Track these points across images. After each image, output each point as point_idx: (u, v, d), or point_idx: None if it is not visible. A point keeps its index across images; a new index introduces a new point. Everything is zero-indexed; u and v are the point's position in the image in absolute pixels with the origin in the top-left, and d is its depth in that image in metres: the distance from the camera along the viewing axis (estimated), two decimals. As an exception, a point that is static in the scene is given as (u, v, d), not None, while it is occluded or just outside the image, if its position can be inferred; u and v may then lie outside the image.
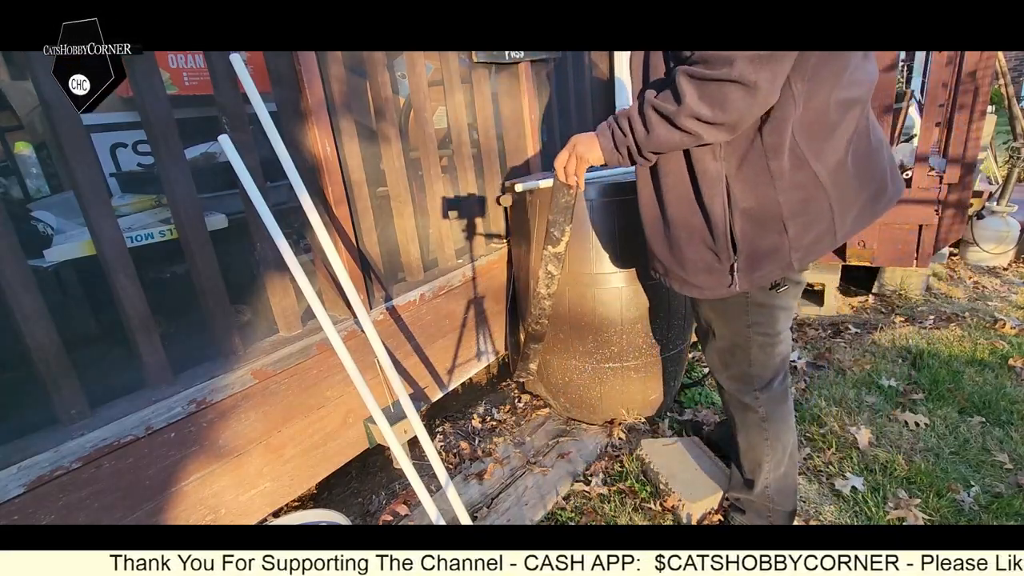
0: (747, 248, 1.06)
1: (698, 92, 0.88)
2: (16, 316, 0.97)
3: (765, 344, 1.24)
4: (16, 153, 1.98)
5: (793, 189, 1.01)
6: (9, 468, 0.96)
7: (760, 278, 1.08)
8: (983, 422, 1.85)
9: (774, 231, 1.04)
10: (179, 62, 2.03)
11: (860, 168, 1.05)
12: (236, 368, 1.27)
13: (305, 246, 1.68)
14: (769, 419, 1.31)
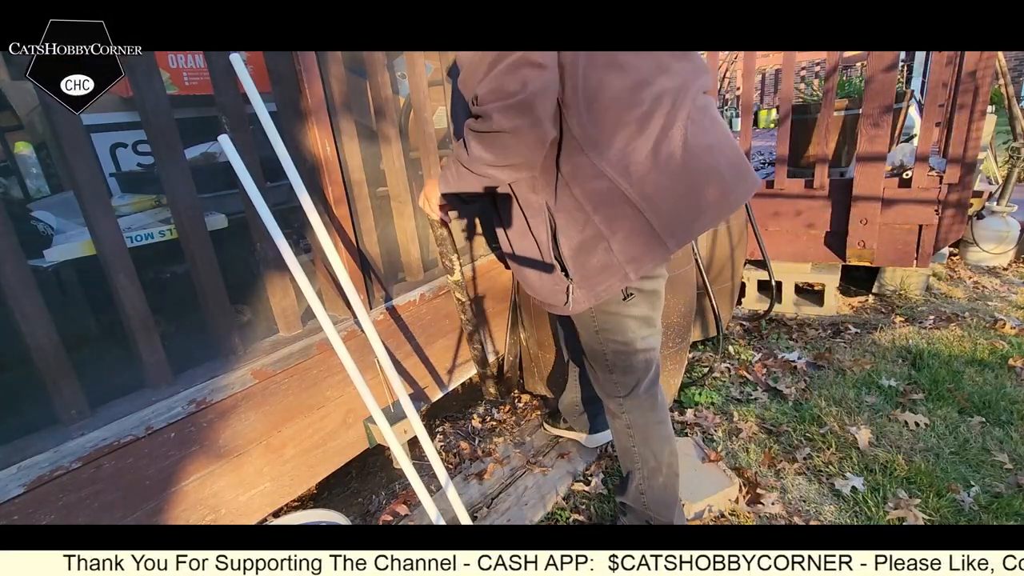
0: (578, 270, 1.10)
1: (478, 142, 0.97)
2: (16, 316, 0.97)
3: (620, 351, 1.25)
4: (16, 153, 1.98)
5: (604, 207, 1.04)
6: (9, 468, 0.96)
7: (604, 292, 1.12)
8: (983, 422, 1.85)
9: (600, 249, 1.08)
10: (179, 62, 2.03)
11: (679, 172, 1.05)
12: (236, 368, 1.27)
13: (305, 246, 1.68)
14: (635, 427, 1.30)
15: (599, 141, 1.01)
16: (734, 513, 1.56)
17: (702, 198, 1.07)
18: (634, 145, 1.02)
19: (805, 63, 7.06)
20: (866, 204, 2.57)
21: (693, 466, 1.66)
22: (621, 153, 1.02)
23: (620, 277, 1.10)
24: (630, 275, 1.09)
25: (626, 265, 1.08)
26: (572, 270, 1.11)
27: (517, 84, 0.90)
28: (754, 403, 2.10)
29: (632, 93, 1.01)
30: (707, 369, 2.29)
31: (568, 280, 1.13)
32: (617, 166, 1.02)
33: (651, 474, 1.32)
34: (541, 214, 1.10)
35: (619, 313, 1.20)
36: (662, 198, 1.05)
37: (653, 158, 1.03)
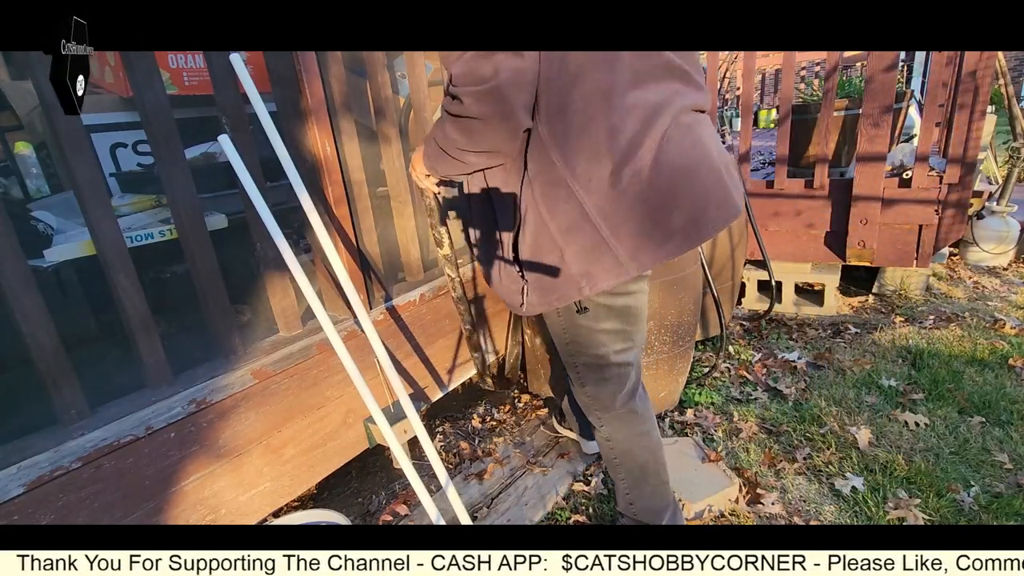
0: (531, 272, 1.06)
1: (451, 124, 0.94)
2: (16, 316, 0.97)
3: (591, 364, 1.20)
4: (16, 153, 1.98)
5: (562, 214, 0.99)
6: (9, 468, 0.96)
7: (556, 300, 1.06)
8: (983, 422, 1.85)
9: (552, 256, 1.03)
10: (179, 62, 2.03)
11: (643, 193, 0.97)
12: (236, 368, 1.27)
13: (305, 246, 1.68)
14: (614, 440, 1.28)
15: (566, 145, 0.95)
16: (734, 513, 1.56)
17: (668, 223, 1.00)
18: (599, 157, 0.96)
19: (805, 63, 7.05)
20: (866, 204, 2.57)
21: (693, 466, 1.66)
22: (586, 163, 0.96)
23: (574, 289, 1.04)
24: (584, 288, 1.03)
25: (579, 278, 1.02)
26: (527, 271, 1.07)
27: (489, 69, 0.85)
28: (754, 403, 2.10)
29: (605, 99, 0.94)
30: (707, 369, 2.29)
31: (522, 281, 1.08)
32: (580, 176, 0.96)
33: (636, 484, 1.31)
34: (509, 209, 1.05)
35: (589, 327, 1.15)
36: (622, 219, 0.98)
37: (616, 175, 0.96)
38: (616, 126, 0.95)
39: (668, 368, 1.91)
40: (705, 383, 2.23)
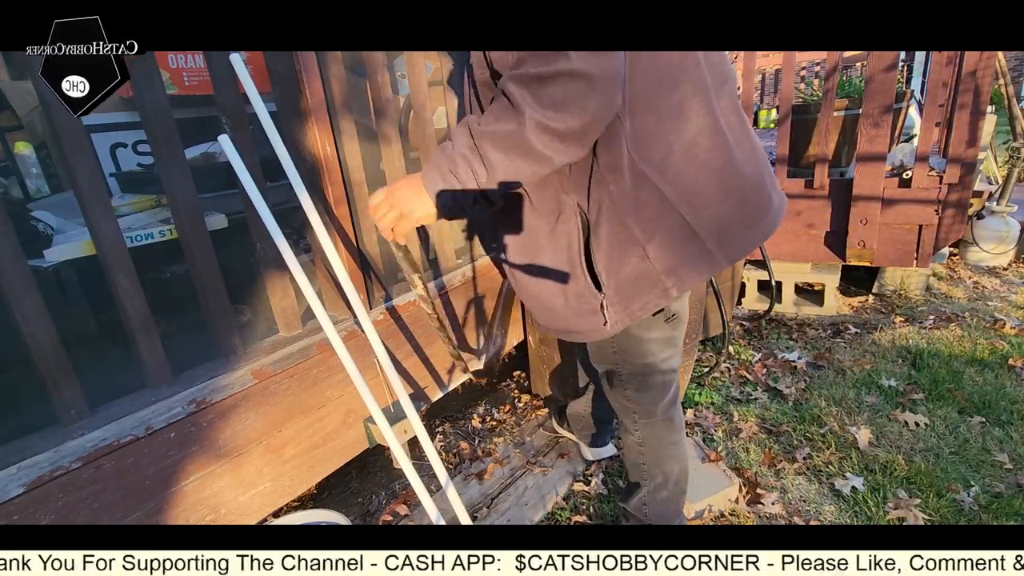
0: (611, 280, 0.96)
1: (536, 97, 0.75)
2: (16, 316, 0.97)
3: (638, 374, 1.16)
4: (16, 153, 1.98)
5: (640, 208, 0.91)
6: (9, 468, 0.96)
7: (639, 310, 0.98)
8: (983, 422, 1.85)
9: (634, 256, 0.94)
10: (179, 62, 2.03)
11: (722, 171, 0.94)
12: (236, 368, 1.27)
13: (305, 246, 1.68)
14: (646, 445, 1.25)
15: (635, 128, 0.88)
16: (734, 513, 1.56)
17: (748, 203, 0.95)
18: (670, 135, 0.89)
19: (805, 63, 7.05)
20: (866, 204, 2.57)
21: (693, 466, 1.66)
22: (657, 144, 0.88)
23: (659, 292, 0.96)
24: (671, 289, 0.95)
25: (665, 277, 0.95)
26: (605, 280, 0.96)
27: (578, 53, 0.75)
28: (754, 403, 2.10)
29: (670, 74, 0.88)
30: (707, 369, 2.29)
31: (600, 294, 0.97)
32: (652, 159, 0.89)
33: (656, 489, 1.29)
34: (572, 218, 0.95)
35: (639, 336, 1.10)
36: (703, 198, 0.92)
37: (691, 152, 0.90)
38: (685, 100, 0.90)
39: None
40: (705, 383, 2.23)
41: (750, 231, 0.98)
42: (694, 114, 0.91)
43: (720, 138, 0.94)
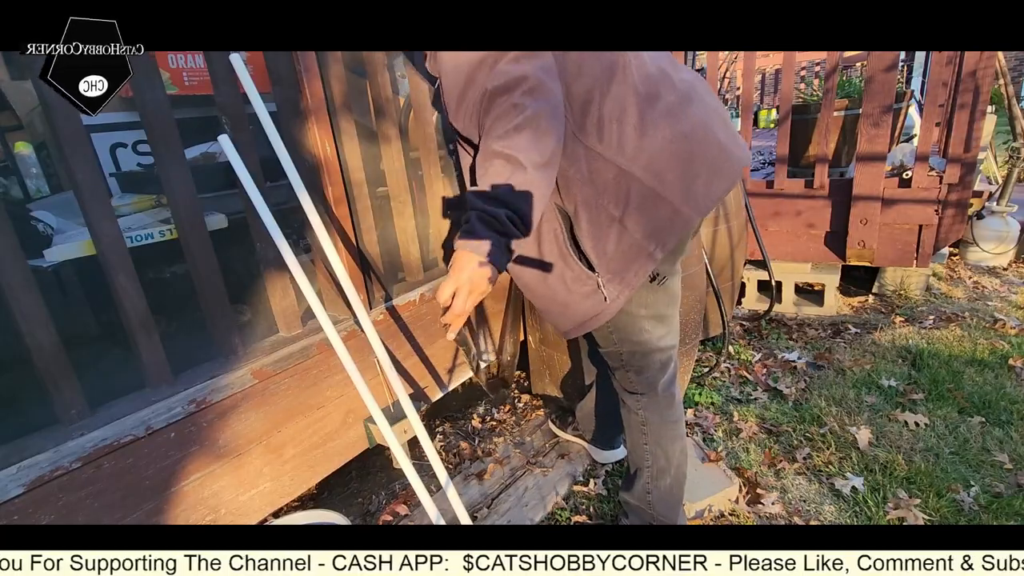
0: (601, 259, 1.04)
1: (522, 137, 0.87)
2: (16, 316, 0.97)
3: (635, 352, 1.22)
4: (16, 153, 1.98)
5: (609, 188, 1.00)
6: (9, 468, 0.96)
7: (634, 277, 1.06)
8: (983, 422, 1.85)
9: (614, 231, 1.02)
10: (179, 62, 2.03)
11: (673, 135, 1.01)
12: (236, 368, 1.27)
13: (305, 246, 1.68)
14: (649, 424, 1.30)
15: (580, 119, 0.98)
16: (734, 513, 1.56)
17: (705, 160, 1.04)
18: (623, 118, 0.99)
19: (805, 63, 7.05)
20: (866, 204, 2.57)
21: (693, 466, 1.66)
22: (607, 128, 0.98)
23: (645, 257, 1.04)
24: (655, 251, 1.04)
25: (646, 242, 1.03)
26: (595, 260, 1.04)
27: (522, 69, 0.86)
28: (754, 403, 2.10)
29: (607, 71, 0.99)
30: (707, 369, 2.29)
31: (594, 274, 1.05)
32: (608, 141, 0.99)
33: (659, 473, 1.32)
34: (552, 215, 1.05)
35: (633, 313, 1.16)
36: (662, 162, 1.00)
37: (641, 126, 0.99)
38: (627, 94, 0.99)
39: (672, 367, 1.92)
40: (705, 383, 2.23)
41: (713, 184, 1.06)
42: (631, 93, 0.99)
43: (665, 107, 1.02)
